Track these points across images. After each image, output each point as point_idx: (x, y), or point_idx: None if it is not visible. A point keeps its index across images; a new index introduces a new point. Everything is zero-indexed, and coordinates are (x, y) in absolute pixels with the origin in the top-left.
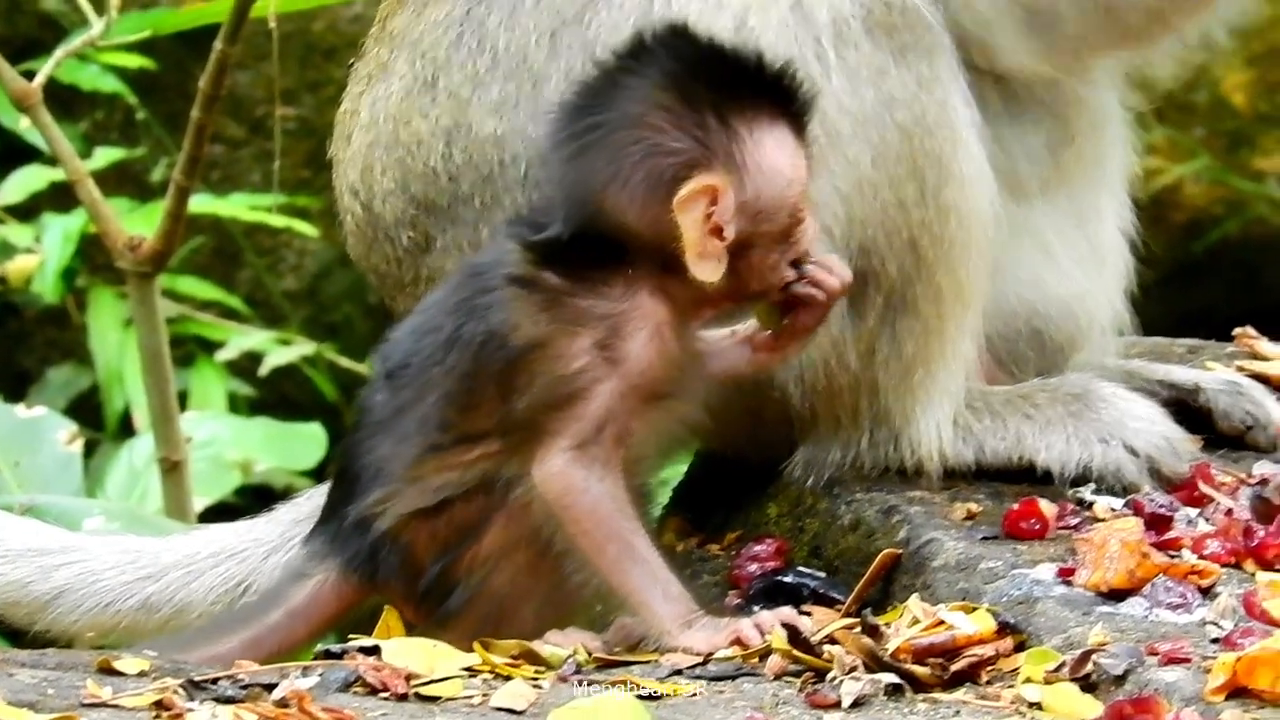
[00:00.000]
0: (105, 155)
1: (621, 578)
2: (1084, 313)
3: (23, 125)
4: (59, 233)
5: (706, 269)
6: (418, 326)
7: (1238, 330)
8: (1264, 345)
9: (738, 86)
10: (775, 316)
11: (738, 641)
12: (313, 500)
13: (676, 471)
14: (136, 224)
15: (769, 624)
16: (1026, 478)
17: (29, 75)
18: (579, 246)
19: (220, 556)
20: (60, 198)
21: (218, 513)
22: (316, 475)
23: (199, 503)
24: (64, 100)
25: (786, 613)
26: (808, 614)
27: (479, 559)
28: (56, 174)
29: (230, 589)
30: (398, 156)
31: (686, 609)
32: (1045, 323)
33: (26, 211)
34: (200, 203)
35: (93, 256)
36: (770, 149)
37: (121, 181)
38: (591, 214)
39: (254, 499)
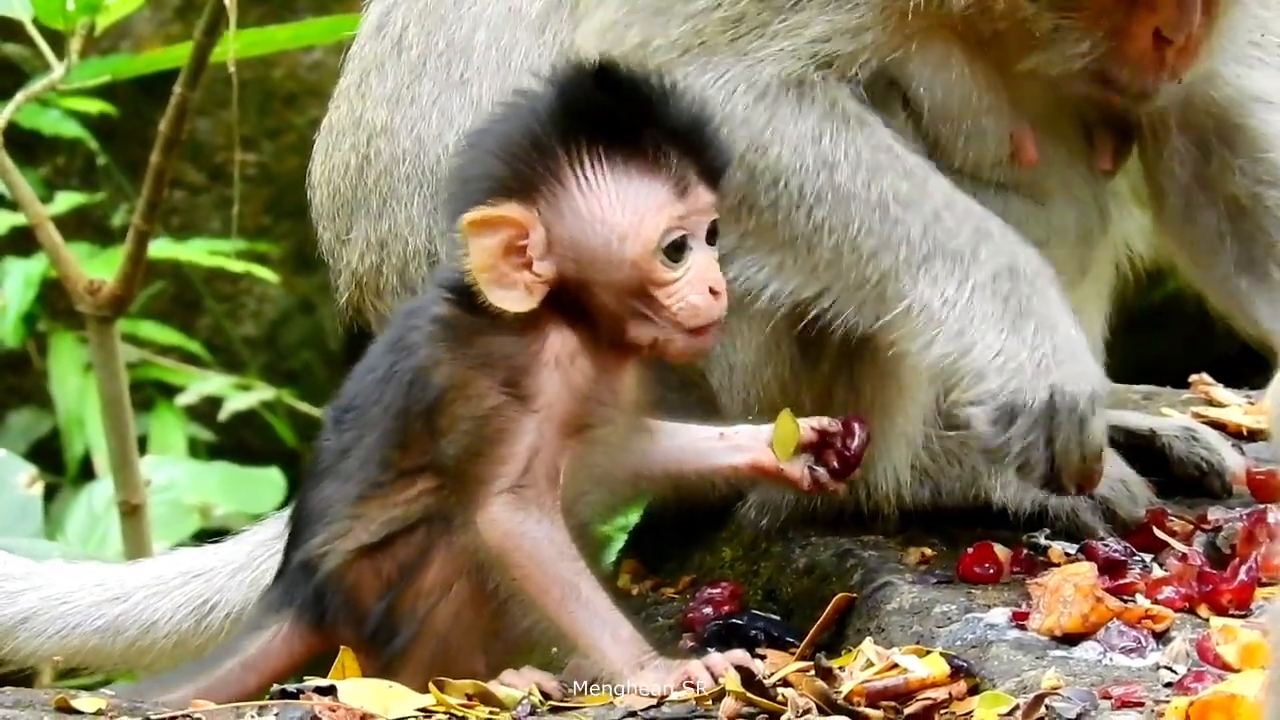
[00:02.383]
0: (65, 200)
1: (568, 621)
2: None
3: None
4: (20, 277)
5: (505, 298)
6: (362, 368)
7: (1194, 377)
8: (1219, 392)
9: (605, 132)
10: (788, 446)
11: (689, 683)
12: (279, 523)
13: (631, 516)
14: (97, 269)
15: (721, 666)
16: (981, 521)
17: None
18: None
19: (187, 576)
20: (20, 242)
21: None
22: None
23: (158, 546)
24: (24, 145)
25: (739, 655)
26: (762, 657)
27: (421, 594)
28: (16, 218)
29: (197, 607)
30: (324, 144)
31: (637, 650)
32: None
33: None
34: (160, 248)
35: (53, 301)
36: (605, 200)
37: (81, 226)
38: (450, 228)
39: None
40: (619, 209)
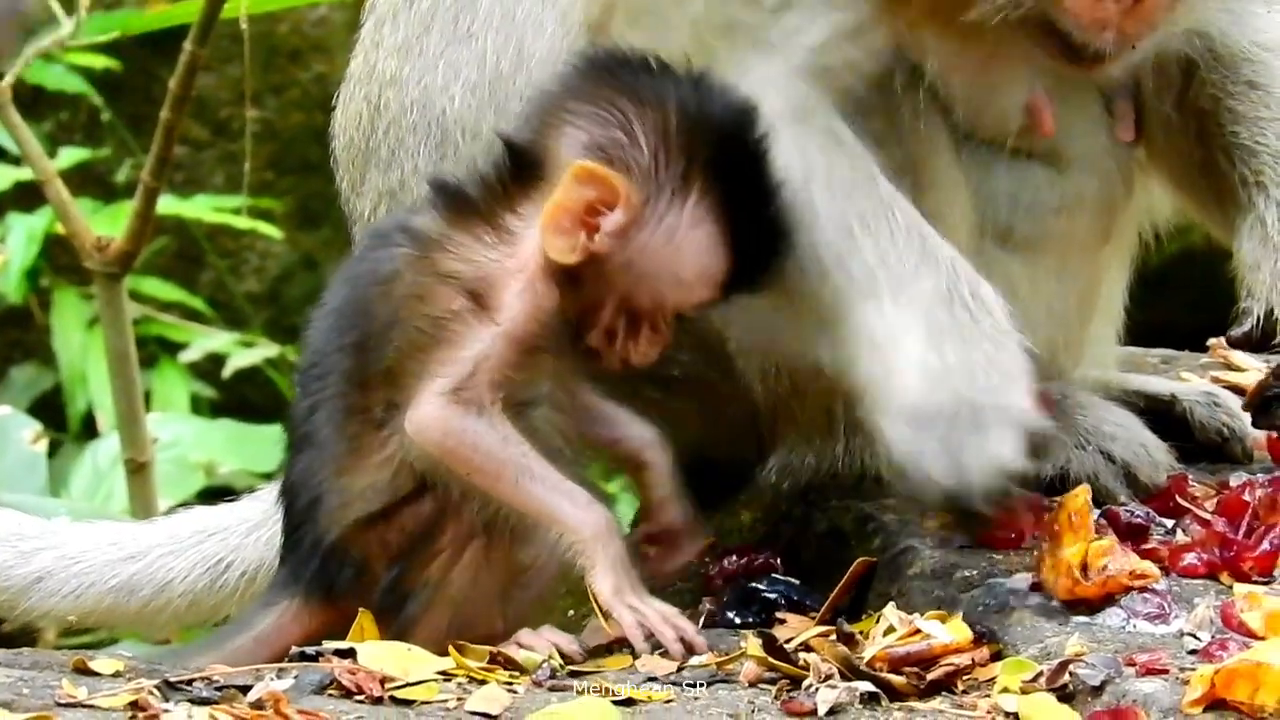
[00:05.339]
0: (70, 156)
1: (525, 498)
2: (1041, 363)
3: None
4: (23, 232)
5: (555, 242)
6: (318, 315)
7: (1212, 341)
8: (1238, 356)
9: (733, 191)
10: None
11: (649, 635)
12: None
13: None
14: (101, 225)
15: (680, 642)
16: None
17: None
18: (475, 191)
19: (202, 534)
20: (24, 197)
21: None
22: None
23: (163, 504)
24: (28, 100)
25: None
26: (782, 621)
27: (432, 564)
28: (20, 173)
29: (212, 566)
30: (344, 94)
31: (602, 519)
32: None
33: None
34: (164, 204)
35: (56, 256)
36: (694, 246)
37: (85, 182)
38: (537, 126)
39: (216, 501)
40: (698, 264)
